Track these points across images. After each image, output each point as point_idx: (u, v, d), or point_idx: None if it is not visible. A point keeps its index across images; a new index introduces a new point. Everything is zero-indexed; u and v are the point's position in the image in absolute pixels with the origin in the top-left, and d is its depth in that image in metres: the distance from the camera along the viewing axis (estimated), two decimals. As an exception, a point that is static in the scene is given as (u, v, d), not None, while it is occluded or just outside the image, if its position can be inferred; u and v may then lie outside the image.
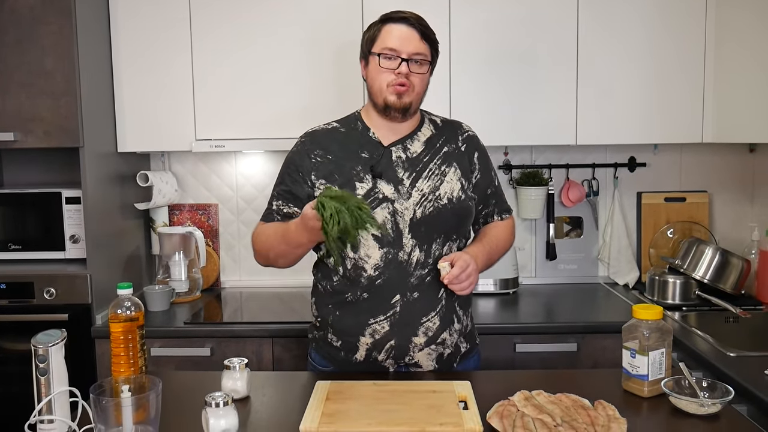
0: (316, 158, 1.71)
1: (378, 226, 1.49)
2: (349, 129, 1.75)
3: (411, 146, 1.72)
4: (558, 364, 2.19)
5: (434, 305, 1.66)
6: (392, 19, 1.67)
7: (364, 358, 1.68)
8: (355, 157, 1.69)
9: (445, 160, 1.73)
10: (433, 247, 1.66)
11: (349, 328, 1.68)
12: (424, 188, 1.68)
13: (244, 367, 1.53)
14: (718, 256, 2.44)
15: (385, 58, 1.65)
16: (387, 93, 1.66)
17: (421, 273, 1.65)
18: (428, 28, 1.68)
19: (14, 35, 2.17)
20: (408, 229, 1.65)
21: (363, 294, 1.66)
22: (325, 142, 1.73)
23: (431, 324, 1.66)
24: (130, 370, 1.45)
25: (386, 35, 1.66)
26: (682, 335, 2.04)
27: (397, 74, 1.64)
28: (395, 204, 1.65)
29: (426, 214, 1.66)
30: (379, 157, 1.69)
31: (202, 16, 2.43)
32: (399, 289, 1.65)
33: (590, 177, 2.79)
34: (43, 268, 2.34)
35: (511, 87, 2.45)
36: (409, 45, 1.64)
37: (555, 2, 2.41)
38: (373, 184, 1.66)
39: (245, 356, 2.18)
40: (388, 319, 1.65)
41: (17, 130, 2.20)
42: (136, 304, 1.48)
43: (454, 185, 1.70)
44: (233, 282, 2.86)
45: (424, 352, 1.67)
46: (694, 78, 2.44)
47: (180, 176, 2.82)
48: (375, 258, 1.65)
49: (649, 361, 1.49)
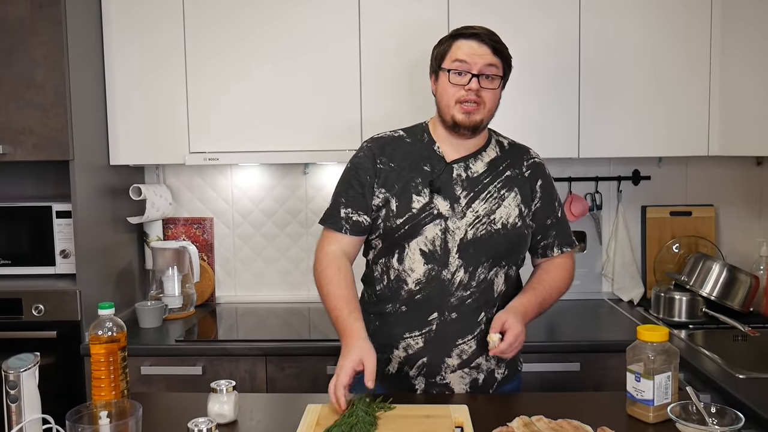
0: (380, 165, 1.67)
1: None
2: (414, 139, 1.71)
3: (473, 166, 1.68)
4: (560, 384, 2.12)
5: (472, 329, 1.62)
6: (463, 35, 1.63)
7: (396, 371, 1.65)
8: (417, 168, 1.66)
9: (507, 184, 1.68)
10: (479, 271, 1.62)
11: (385, 339, 1.65)
12: (479, 210, 1.63)
13: (231, 390, 1.47)
14: (725, 272, 2.38)
15: (455, 74, 1.61)
16: (455, 110, 1.62)
17: (462, 294, 1.61)
18: (500, 43, 1.63)
19: (4, 46, 2.13)
20: (456, 249, 1.61)
21: (401, 307, 1.64)
22: (389, 150, 1.69)
23: (467, 347, 1.62)
24: (111, 393, 1.39)
25: (456, 51, 1.62)
26: (688, 355, 1.97)
27: (467, 90, 1.60)
28: (448, 222, 1.61)
29: (477, 237, 1.62)
30: (440, 173, 1.65)
31: (195, 29, 2.38)
32: (437, 307, 1.61)
33: (593, 190, 2.73)
34: (32, 283, 2.28)
35: (511, 99, 2.38)
36: (480, 60, 1.60)
37: (556, 14, 2.36)
38: (429, 198, 1.62)
39: (238, 375, 2.17)
40: (423, 335, 1.62)
41: (6, 143, 2.15)
42: (118, 324, 1.42)
43: (512, 211, 1.65)
44: (228, 297, 2.80)
45: (456, 375, 1.63)
46: (699, 90, 2.38)
47: (175, 189, 2.77)
48: (418, 272, 1.62)
49: (655, 386, 1.42)
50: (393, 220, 1.62)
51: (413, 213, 1.61)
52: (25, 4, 2.11)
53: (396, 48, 2.36)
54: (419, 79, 2.38)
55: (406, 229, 1.61)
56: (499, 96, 1.67)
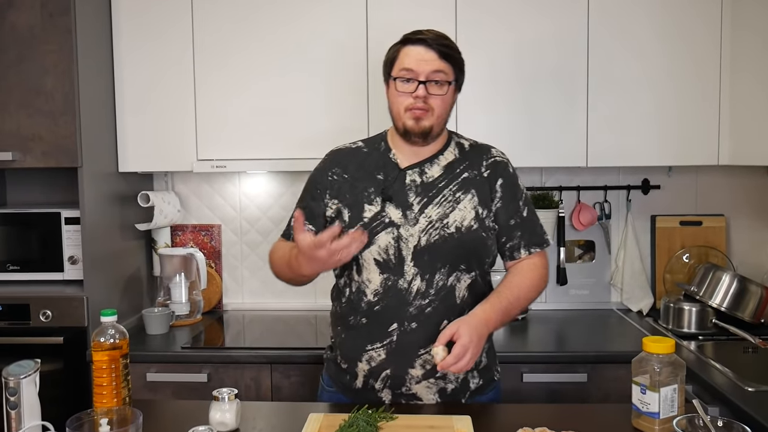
0: (333, 176, 1.67)
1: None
2: (372, 149, 1.71)
3: (429, 170, 1.65)
4: (567, 395, 2.10)
5: (434, 338, 1.56)
6: (410, 41, 1.61)
7: (362, 385, 1.63)
8: (370, 178, 1.65)
9: (463, 186, 1.64)
10: (436, 277, 1.59)
11: (350, 352, 1.64)
12: (432, 215, 1.60)
13: (233, 398, 1.46)
14: (735, 282, 2.35)
15: (402, 81, 1.59)
16: (405, 117, 1.60)
17: (421, 303, 1.58)
18: (449, 47, 1.60)
19: (14, 54, 2.16)
20: (411, 257, 1.58)
21: (362, 319, 1.62)
22: (345, 161, 1.69)
23: (430, 357, 1.58)
24: (113, 400, 1.39)
25: (404, 57, 1.60)
26: (697, 367, 1.94)
27: (414, 98, 1.58)
28: (400, 229, 1.59)
29: (431, 242, 1.58)
30: (393, 180, 1.63)
31: (204, 37, 2.40)
32: (397, 317, 1.58)
33: (602, 199, 2.71)
34: (40, 289, 2.29)
35: (518, 106, 2.39)
36: (427, 66, 1.57)
37: (565, 21, 2.35)
38: (381, 207, 1.60)
39: (243, 383, 2.16)
40: (384, 347, 1.59)
41: (16, 150, 2.17)
42: (120, 331, 1.43)
43: (467, 214, 1.61)
44: (236, 304, 2.80)
45: (422, 385, 1.60)
46: (709, 99, 2.36)
47: (183, 196, 2.78)
48: (375, 283, 1.59)
49: (661, 398, 1.40)
50: (346, 230, 1.58)
51: (364, 222, 1.59)
52: (36, 12, 2.14)
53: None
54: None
55: None
56: (450, 101, 1.63)
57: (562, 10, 2.35)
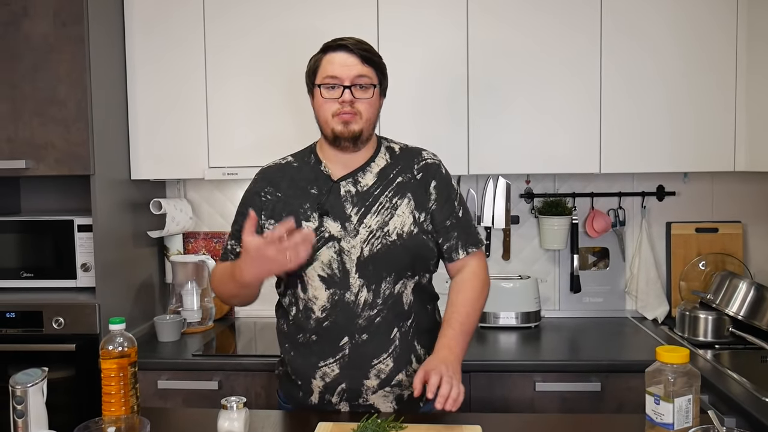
0: (266, 196, 1.66)
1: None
2: (302, 163, 1.69)
3: (362, 179, 1.63)
4: (580, 405, 2.07)
5: (386, 347, 1.58)
6: (331, 48, 1.61)
7: (318, 401, 1.62)
8: (304, 193, 1.63)
9: (398, 191, 1.63)
10: (383, 286, 1.57)
11: (302, 369, 1.62)
12: (372, 224, 1.58)
13: (242, 407, 1.45)
14: (753, 290, 2.30)
15: (327, 88, 1.58)
16: (333, 123, 1.58)
17: (370, 314, 1.57)
18: (370, 51, 1.61)
19: (28, 63, 2.18)
20: (355, 269, 1.57)
21: (312, 336, 1.60)
22: (275, 179, 1.67)
23: (383, 366, 1.58)
24: (121, 409, 1.39)
25: (327, 65, 1.59)
26: (713, 376, 1.91)
27: (341, 103, 1.57)
28: (342, 242, 1.57)
29: (374, 252, 1.57)
30: (327, 193, 1.61)
31: (216, 46, 2.41)
32: (347, 331, 1.57)
33: (616, 206, 2.68)
34: (53, 296, 2.30)
35: (530, 112, 2.37)
36: (350, 71, 1.57)
37: (577, 24, 2.34)
38: (319, 222, 1.58)
39: (254, 390, 2.16)
40: (337, 362, 1.58)
41: (29, 158, 2.19)
42: (128, 339, 1.43)
43: (406, 219, 1.60)
44: (247, 311, 2.80)
45: (378, 395, 1.59)
46: (725, 103, 2.33)
47: (195, 204, 2.79)
48: (322, 299, 1.58)
49: (675, 409, 1.37)
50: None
51: None
52: (49, 22, 2.16)
53: (414, 69, 2.36)
54: (433, 95, 2.38)
55: None
56: (377, 105, 1.63)
57: (574, 15, 2.33)
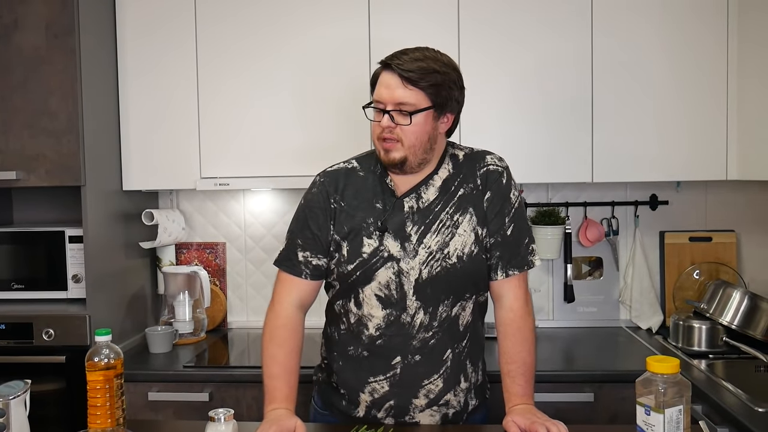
0: (334, 203, 1.57)
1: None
2: (367, 171, 1.59)
3: (425, 193, 1.54)
4: (573, 416, 2.04)
5: (437, 368, 1.56)
6: (381, 64, 1.51)
7: (364, 414, 1.59)
8: (369, 207, 1.54)
9: (460, 206, 1.54)
10: (440, 309, 1.54)
11: (351, 382, 1.60)
12: (431, 244, 1.51)
13: (230, 419, 1.44)
14: (746, 300, 2.30)
15: (374, 110, 1.51)
16: (379, 146, 1.52)
17: (425, 336, 1.54)
18: (414, 71, 1.43)
19: (19, 75, 2.17)
20: (412, 291, 1.52)
21: (363, 351, 1.58)
22: (342, 186, 1.57)
23: (433, 386, 1.56)
24: (107, 422, 1.38)
25: (377, 84, 1.51)
26: (707, 386, 1.90)
27: (382, 127, 1.49)
28: (401, 263, 1.51)
29: (433, 275, 1.51)
30: (390, 210, 1.53)
31: (208, 56, 2.41)
32: (400, 351, 1.55)
33: (609, 215, 2.68)
34: (44, 308, 2.29)
35: (524, 122, 2.37)
36: (392, 94, 1.46)
37: (569, 37, 2.34)
38: (380, 241, 1.52)
39: (245, 402, 2.14)
40: (387, 379, 1.56)
41: (20, 169, 2.18)
42: (115, 351, 1.42)
43: (467, 238, 1.52)
44: (240, 322, 2.79)
45: (425, 413, 1.58)
46: (717, 112, 2.33)
47: (187, 214, 2.78)
48: (378, 318, 1.55)
49: (666, 419, 1.36)
50: (344, 266, 1.53)
51: (363, 258, 1.52)
52: (41, 34, 2.16)
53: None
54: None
55: (357, 275, 1.53)
56: (423, 130, 1.47)
57: (567, 24, 2.34)
